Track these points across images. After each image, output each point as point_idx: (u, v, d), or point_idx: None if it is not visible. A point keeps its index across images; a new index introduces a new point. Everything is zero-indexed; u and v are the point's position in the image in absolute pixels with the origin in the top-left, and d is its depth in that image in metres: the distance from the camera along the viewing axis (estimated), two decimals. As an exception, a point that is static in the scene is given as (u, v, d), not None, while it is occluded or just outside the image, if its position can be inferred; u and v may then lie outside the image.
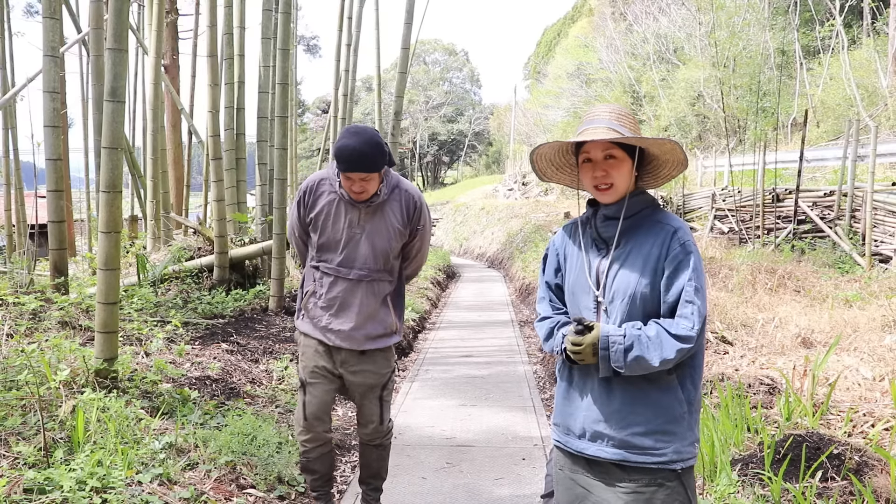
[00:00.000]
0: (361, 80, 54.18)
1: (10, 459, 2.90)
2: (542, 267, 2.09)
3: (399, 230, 2.88)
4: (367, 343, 2.88)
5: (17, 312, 4.83)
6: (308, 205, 2.88)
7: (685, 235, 1.82)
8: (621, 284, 1.83)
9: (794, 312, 6.33)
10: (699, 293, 1.76)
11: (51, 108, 5.52)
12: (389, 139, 9.31)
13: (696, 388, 1.86)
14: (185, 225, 10.06)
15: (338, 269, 2.85)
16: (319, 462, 3.04)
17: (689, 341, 1.73)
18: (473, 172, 63.11)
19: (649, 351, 1.74)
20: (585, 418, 1.88)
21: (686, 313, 1.75)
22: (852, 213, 10.06)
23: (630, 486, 1.81)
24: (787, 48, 22.00)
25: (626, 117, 1.86)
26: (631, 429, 1.81)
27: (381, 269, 2.88)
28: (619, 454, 1.82)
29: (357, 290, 2.85)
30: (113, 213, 3.99)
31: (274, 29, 7.81)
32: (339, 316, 2.85)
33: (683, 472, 1.82)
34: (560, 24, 51.92)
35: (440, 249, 21.38)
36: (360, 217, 2.83)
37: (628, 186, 1.87)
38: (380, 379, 2.99)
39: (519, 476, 3.89)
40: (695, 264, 1.78)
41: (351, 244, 2.83)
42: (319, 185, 2.87)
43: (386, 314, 2.91)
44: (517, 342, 8.10)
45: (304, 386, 2.94)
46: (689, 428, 1.83)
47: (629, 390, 1.83)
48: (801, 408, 3.93)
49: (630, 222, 1.87)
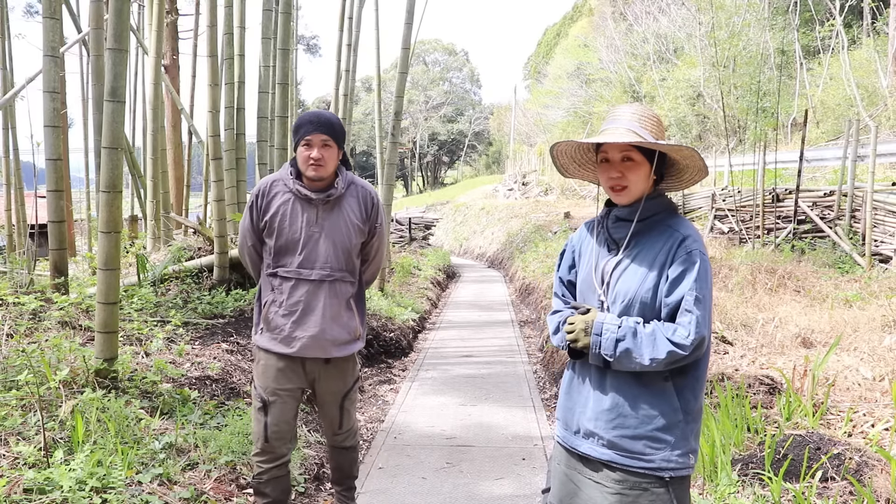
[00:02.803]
0: (361, 80, 54.23)
1: (10, 459, 2.90)
2: (559, 262, 2.10)
3: (358, 226, 2.82)
4: (332, 350, 2.77)
5: (17, 312, 4.83)
6: (261, 207, 2.77)
7: (693, 244, 1.78)
8: (623, 287, 1.83)
9: (794, 312, 6.33)
10: (700, 304, 1.73)
11: (51, 108, 5.52)
12: (389, 139, 9.31)
13: (696, 398, 1.83)
14: (186, 225, 10.06)
15: (298, 272, 2.73)
16: (272, 485, 2.82)
17: (682, 349, 1.71)
18: (473, 172, 63.13)
19: (640, 347, 1.73)
20: (581, 415, 1.90)
21: (684, 322, 1.73)
22: (852, 213, 10.06)
23: (616, 486, 1.82)
24: (787, 48, 22.01)
25: (649, 119, 1.84)
26: (620, 431, 1.81)
27: (343, 269, 2.79)
28: (607, 454, 1.83)
29: (319, 293, 2.74)
30: (113, 213, 3.99)
31: (274, 29, 7.80)
32: (302, 321, 2.73)
33: (673, 480, 1.80)
34: (560, 24, 51.94)
35: (440, 249, 21.37)
36: (318, 214, 2.75)
37: (644, 189, 1.85)
38: (343, 387, 2.91)
39: (519, 476, 3.89)
40: (699, 274, 1.75)
41: (310, 243, 2.73)
42: (272, 187, 2.79)
43: (350, 317, 2.82)
44: (517, 342, 8.09)
45: (266, 406, 2.75)
46: (683, 438, 1.80)
47: (622, 392, 1.82)
48: (801, 408, 3.93)
49: (642, 225, 1.86)
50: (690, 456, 1.82)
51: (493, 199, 30.52)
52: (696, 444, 1.86)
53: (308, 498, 3.56)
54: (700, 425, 1.87)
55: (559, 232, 17.00)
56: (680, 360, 1.74)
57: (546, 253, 13.88)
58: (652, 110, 1.87)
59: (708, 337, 1.76)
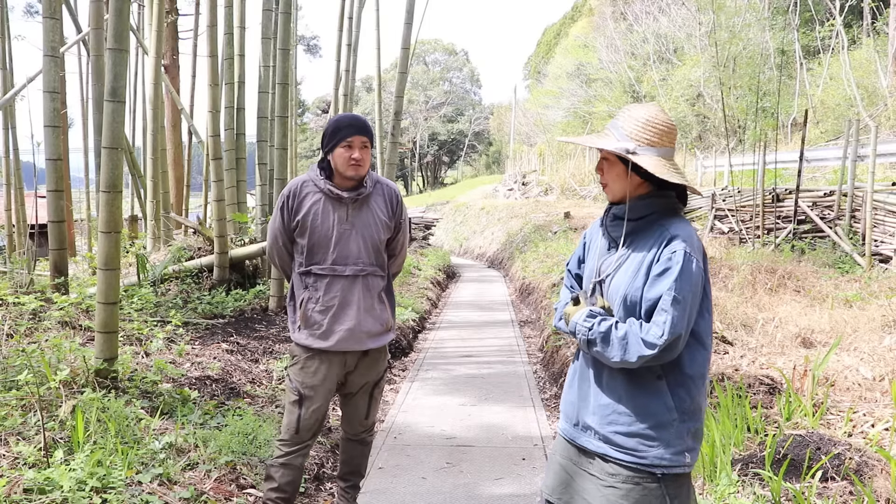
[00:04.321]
0: (361, 80, 54.25)
1: (10, 459, 2.90)
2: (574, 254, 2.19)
3: (385, 222, 2.94)
4: (368, 341, 2.89)
5: (17, 312, 4.83)
6: (293, 208, 2.86)
7: (680, 244, 1.78)
8: (616, 284, 1.88)
9: (794, 312, 6.33)
10: (677, 304, 1.73)
11: (51, 108, 5.52)
12: (389, 139, 9.31)
13: (691, 397, 1.84)
14: (185, 225, 10.07)
15: (333, 268, 2.84)
16: (283, 470, 2.87)
17: (653, 348, 1.73)
18: (473, 172, 63.12)
19: (611, 350, 1.79)
20: (580, 408, 1.96)
21: (658, 321, 1.74)
22: (852, 213, 10.06)
23: (609, 479, 1.86)
24: (787, 48, 22.01)
25: (644, 124, 1.85)
26: (614, 427, 1.85)
27: (374, 264, 2.91)
28: (602, 448, 1.88)
29: (354, 287, 2.86)
30: (113, 213, 3.99)
31: (274, 29, 7.81)
32: (339, 316, 2.83)
33: (665, 477, 1.82)
34: (560, 23, 51.93)
35: (440, 249, 21.36)
36: (349, 213, 2.86)
37: (625, 188, 1.89)
38: (375, 377, 3.03)
39: (519, 476, 3.89)
40: (682, 274, 1.75)
41: (343, 241, 2.84)
42: (303, 188, 2.88)
43: (382, 310, 2.94)
44: (517, 342, 8.10)
45: (302, 399, 2.86)
46: (678, 436, 1.82)
47: (617, 389, 1.86)
48: (802, 408, 3.93)
49: (635, 225, 1.89)
50: (686, 455, 1.83)
51: (492, 199, 30.50)
52: (695, 444, 1.86)
53: (308, 498, 3.56)
54: (700, 425, 1.87)
55: (559, 232, 17.00)
56: (652, 360, 1.75)
57: (546, 253, 13.88)
58: (660, 116, 1.86)
59: (684, 337, 1.76)
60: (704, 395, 1.89)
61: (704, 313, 1.83)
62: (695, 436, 1.86)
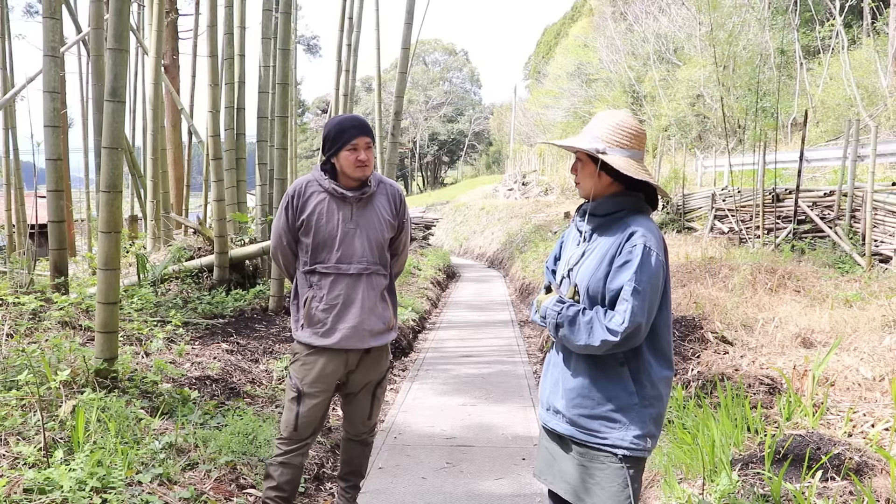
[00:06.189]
0: (361, 80, 54.20)
1: (10, 459, 2.90)
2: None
3: (389, 222, 2.97)
4: (370, 340, 2.90)
5: (17, 312, 4.83)
6: (298, 207, 2.88)
7: (640, 239, 1.92)
8: (581, 275, 2.01)
9: (794, 312, 6.32)
10: (637, 294, 1.86)
11: (51, 108, 5.52)
12: (389, 139, 9.31)
13: (652, 385, 1.97)
14: (185, 225, 10.06)
15: (337, 267, 2.86)
16: (282, 469, 2.89)
17: (615, 335, 1.86)
18: (473, 172, 63.10)
19: (576, 334, 1.92)
20: (550, 393, 2.11)
21: (620, 310, 1.88)
22: (852, 213, 10.05)
23: (579, 458, 2.03)
24: (786, 48, 22.01)
25: (615, 128, 2.01)
26: (579, 410, 2.00)
27: (378, 263, 2.93)
28: (569, 430, 2.03)
29: (358, 286, 2.87)
30: (113, 213, 3.99)
31: (274, 29, 7.80)
32: (342, 314, 2.85)
33: (626, 459, 1.96)
34: (560, 23, 51.90)
35: (440, 249, 21.35)
36: (353, 212, 2.89)
37: (594, 186, 2.04)
38: (378, 376, 3.04)
39: (519, 476, 3.89)
40: (642, 266, 1.89)
41: (347, 239, 2.86)
42: (307, 187, 2.90)
43: (384, 308, 2.95)
44: (517, 342, 8.10)
45: (301, 396, 2.87)
46: (639, 420, 1.96)
47: (583, 374, 2.01)
48: (801, 408, 3.93)
49: (602, 221, 2.04)
50: (648, 440, 1.97)
51: (492, 199, 30.50)
52: (656, 430, 2.00)
53: (308, 498, 3.56)
54: (661, 411, 2.01)
55: (559, 232, 17.00)
56: (614, 347, 1.89)
57: (546, 253, 13.88)
58: (629, 121, 2.03)
59: (645, 326, 1.88)
60: (667, 384, 2.02)
61: (663, 308, 1.96)
62: (656, 421, 2.00)
